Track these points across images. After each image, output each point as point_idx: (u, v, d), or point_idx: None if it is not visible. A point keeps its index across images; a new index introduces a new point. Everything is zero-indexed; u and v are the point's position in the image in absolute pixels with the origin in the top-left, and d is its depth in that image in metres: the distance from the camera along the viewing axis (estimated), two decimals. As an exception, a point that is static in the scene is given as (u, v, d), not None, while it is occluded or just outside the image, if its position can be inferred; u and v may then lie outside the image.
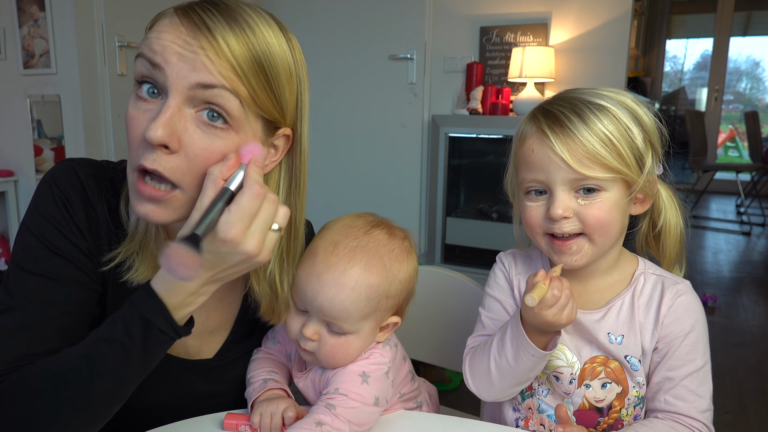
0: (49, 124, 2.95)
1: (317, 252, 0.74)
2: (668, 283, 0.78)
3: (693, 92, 7.58)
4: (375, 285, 0.72)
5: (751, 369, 2.32)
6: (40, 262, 0.68)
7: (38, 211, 0.71)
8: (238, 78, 0.61)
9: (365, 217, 0.80)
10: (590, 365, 0.77)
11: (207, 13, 0.61)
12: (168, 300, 0.62)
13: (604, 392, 0.77)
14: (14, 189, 3.09)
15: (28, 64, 2.86)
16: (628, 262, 0.81)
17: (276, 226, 0.61)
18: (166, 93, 0.61)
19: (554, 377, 0.79)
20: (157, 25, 0.63)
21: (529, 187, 0.75)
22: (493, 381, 0.76)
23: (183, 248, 0.52)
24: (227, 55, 0.60)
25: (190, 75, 0.60)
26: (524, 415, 0.83)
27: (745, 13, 6.86)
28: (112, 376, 0.62)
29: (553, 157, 0.71)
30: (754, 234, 4.76)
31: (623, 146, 0.70)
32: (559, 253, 0.74)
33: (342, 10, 3.44)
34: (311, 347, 0.74)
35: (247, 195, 0.58)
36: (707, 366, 0.76)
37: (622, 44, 2.94)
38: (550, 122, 0.72)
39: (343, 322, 0.72)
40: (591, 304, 0.79)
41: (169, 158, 0.61)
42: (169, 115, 0.60)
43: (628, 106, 0.73)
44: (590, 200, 0.71)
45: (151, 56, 0.61)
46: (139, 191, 0.63)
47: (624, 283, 0.79)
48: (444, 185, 3.17)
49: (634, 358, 0.76)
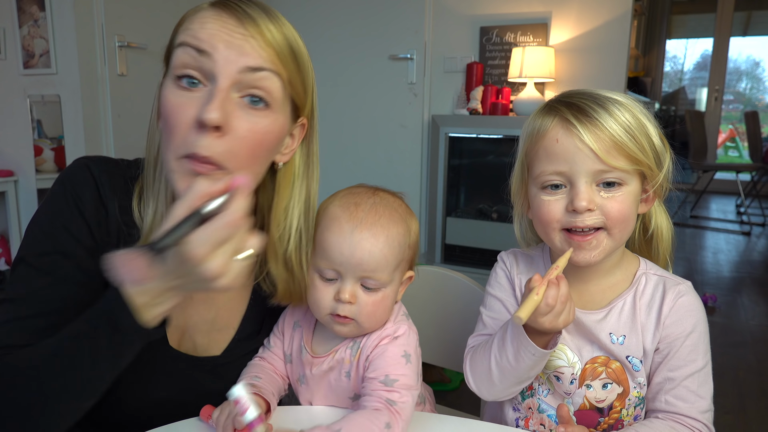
0: (49, 124, 2.95)
1: (339, 216, 0.76)
2: (670, 283, 0.78)
3: (693, 92, 7.59)
4: (401, 233, 0.78)
5: (751, 369, 2.32)
6: (43, 258, 0.70)
7: (49, 207, 0.72)
8: (280, 62, 0.67)
9: (360, 185, 0.83)
10: (591, 365, 0.77)
11: (244, 4, 0.66)
12: (135, 300, 0.61)
13: (605, 392, 0.77)
14: (14, 189, 3.09)
15: (28, 64, 2.86)
16: (630, 262, 0.81)
17: (246, 253, 0.59)
18: (212, 79, 0.64)
19: (555, 377, 0.79)
20: (197, 17, 0.67)
21: (548, 180, 0.74)
22: (494, 380, 0.76)
23: (137, 255, 0.55)
24: (270, 41, 0.66)
25: (239, 59, 0.64)
26: (524, 415, 0.83)
27: (745, 13, 6.86)
28: (82, 373, 0.62)
29: (580, 146, 0.70)
30: (754, 234, 4.76)
31: (644, 139, 0.71)
32: (578, 248, 0.73)
33: (342, 10, 3.44)
34: (350, 311, 0.76)
35: (223, 222, 0.56)
36: (708, 367, 0.76)
37: (622, 44, 2.94)
38: (575, 112, 0.71)
39: (381, 273, 0.76)
40: (593, 304, 0.79)
41: (220, 142, 0.64)
42: (222, 98, 0.63)
43: (636, 104, 0.74)
44: (612, 193, 0.72)
45: (197, 44, 0.64)
46: (196, 168, 0.64)
47: (626, 283, 0.79)
48: (444, 185, 3.17)
49: (635, 358, 0.76)
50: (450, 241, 3.17)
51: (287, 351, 0.86)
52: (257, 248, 0.60)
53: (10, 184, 3.07)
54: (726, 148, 7.52)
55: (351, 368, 0.79)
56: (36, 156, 2.97)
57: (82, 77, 2.73)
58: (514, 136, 3.54)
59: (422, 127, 3.36)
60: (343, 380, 0.80)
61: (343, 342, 0.81)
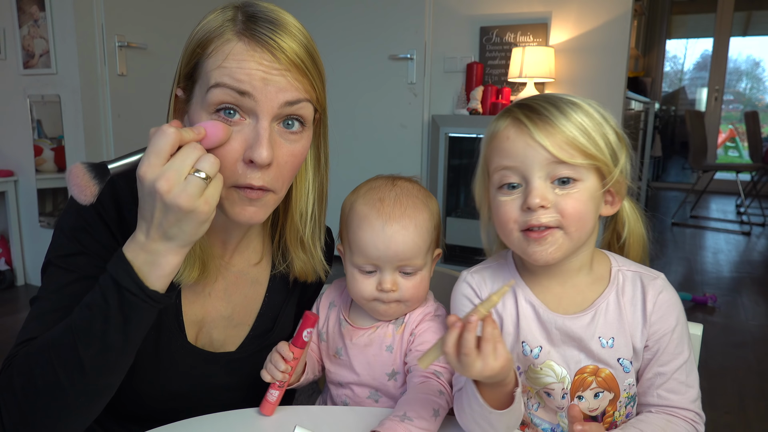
0: (49, 124, 2.95)
1: (368, 214, 0.82)
2: (646, 279, 0.77)
3: (693, 92, 7.59)
4: (426, 218, 0.83)
5: (751, 369, 2.32)
6: (68, 258, 0.75)
7: (72, 211, 0.77)
8: (309, 83, 0.71)
9: (377, 177, 0.89)
10: (580, 376, 0.76)
11: (267, 29, 0.68)
12: (133, 261, 0.63)
13: (597, 401, 0.76)
14: (14, 189, 3.09)
15: (28, 64, 2.86)
16: (602, 260, 0.80)
17: (203, 174, 0.61)
18: (254, 116, 0.68)
19: (546, 393, 0.78)
20: (231, 54, 0.67)
21: (503, 177, 0.73)
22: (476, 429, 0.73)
23: (83, 169, 0.59)
24: (300, 66, 0.69)
25: (278, 96, 0.68)
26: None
27: (745, 13, 6.86)
28: (96, 342, 0.63)
29: (530, 143, 0.70)
30: (754, 234, 4.76)
31: (599, 137, 0.71)
32: (534, 245, 0.72)
33: (342, 10, 3.44)
34: (394, 297, 0.82)
35: (159, 134, 0.60)
36: (692, 355, 0.77)
37: (622, 44, 2.94)
38: (527, 112, 0.72)
39: (416, 259, 0.82)
40: (574, 306, 0.77)
41: (268, 171, 0.70)
42: (268, 137, 0.68)
43: (597, 108, 0.75)
44: (567, 190, 0.71)
45: (237, 86, 0.67)
46: (250, 199, 0.71)
47: (603, 281, 0.78)
48: (444, 185, 3.17)
49: (625, 360, 0.75)
50: (450, 241, 3.17)
51: (322, 329, 0.90)
52: (212, 168, 0.62)
53: (10, 184, 3.07)
54: (726, 148, 7.52)
55: (393, 342, 0.84)
56: (36, 156, 2.97)
57: (82, 77, 2.73)
58: (514, 136, 3.47)
59: (422, 127, 3.36)
60: (384, 354, 0.84)
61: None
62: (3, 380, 0.66)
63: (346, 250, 0.87)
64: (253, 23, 0.69)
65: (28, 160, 3.00)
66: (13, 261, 3.15)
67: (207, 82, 0.68)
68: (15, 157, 3.06)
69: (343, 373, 0.86)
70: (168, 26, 3.01)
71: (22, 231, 3.15)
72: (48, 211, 3.07)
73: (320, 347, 0.90)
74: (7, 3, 2.84)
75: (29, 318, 0.73)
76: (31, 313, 0.73)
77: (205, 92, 0.68)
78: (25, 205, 3.10)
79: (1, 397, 0.65)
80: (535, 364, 0.77)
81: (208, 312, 0.85)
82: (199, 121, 0.69)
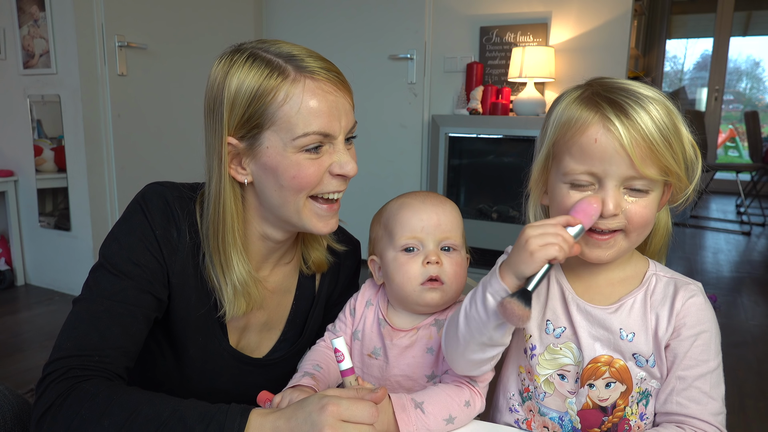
0: (49, 124, 2.95)
1: (405, 200, 0.89)
2: (681, 283, 0.78)
3: (693, 92, 7.59)
4: (456, 208, 0.91)
5: (751, 369, 2.32)
6: (120, 266, 0.81)
7: (126, 223, 0.84)
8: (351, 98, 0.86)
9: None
10: (594, 365, 0.77)
11: (315, 60, 0.80)
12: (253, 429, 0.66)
13: (608, 392, 0.77)
14: (14, 189, 3.09)
15: (28, 64, 2.86)
16: (639, 262, 0.81)
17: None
18: (332, 140, 0.82)
19: (559, 376, 0.78)
20: (309, 102, 0.78)
21: (577, 179, 0.73)
22: (460, 337, 0.75)
23: (515, 302, 0.65)
24: (348, 84, 0.84)
25: (346, 122, 0.83)
26: (525, 417, 0.83)
27: (745, 13, 6.86)
28: None
29: (619, 150, 0.69)
30: (754, 234, 4.76)
31: (679, 150, 0.70)
32: (595, 246, 0.73)
33: (342, 10, 3.44)
34: (439, 271, 0.84)
35: (362, 406, 0.64)
36: (720, 369, 0.75)
37: (622, 44, 2.94)
38: (618, 112, 0.69)
39: (455, 233, 0.87)
40: (602, 299, 0.78)
41: (345, 182, 0.85)
42: (344, 150, 0.83)
43: (677, 115, 0.73)
44: (637, 198, 0.72)
45: (325, 131, 0.80)
46: (331, 212, 0.86)
47: (635, 280, 0.79)
48: (444, 185, 3.17)
49: (641, 356, 0.75)
50: (450, 241, 3.17)
51: (358, 328, 0.90)
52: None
53: (10, 184, 3.07)
54: (726, 148, 7.52)
55: (434, 344, 0.84)
56: (36, 156, 2.97)
57: (82, 77, 2.73)
58: (514, 136, 3.52)
59: (422, 127, 3.35)
60: (426, 357, 0.84)
61: (427, 319, 0.87)
62: (51, 396, 0.69)
63: (384, 247, 0.88)
64: (297, 57, 0.82)
65: (28, 160, 3.00)
66: (13, 261, 3.15)
67: (278, 124, 0.80)
68: (15, 157, 3.06)
69: (379, 372, 0.87)
70: (168, 26, 3.01)
71: (22, 231, 3.15)
72: (48, 211, 3.07)
73: (351, 345, 0.90)
74: (7, 3, 2.84)
75: (77, 318, 0.77)
76: (79, 314, 0.78)
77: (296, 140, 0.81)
78: (25, 205, 3.09)
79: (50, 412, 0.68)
80: (554, 343, 0.79)
81: (250, 320, 0.95)
82: (299, 164, 0.80)
